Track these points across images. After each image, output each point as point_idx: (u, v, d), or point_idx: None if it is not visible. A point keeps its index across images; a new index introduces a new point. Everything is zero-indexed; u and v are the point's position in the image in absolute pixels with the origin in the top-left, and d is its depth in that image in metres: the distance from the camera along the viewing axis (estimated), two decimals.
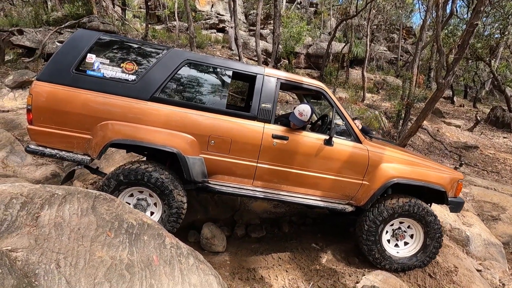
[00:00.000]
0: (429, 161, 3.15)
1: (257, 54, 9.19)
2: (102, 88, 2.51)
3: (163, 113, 2.55)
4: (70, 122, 2.48)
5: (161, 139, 2.52)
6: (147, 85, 2.57)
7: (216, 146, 2.61)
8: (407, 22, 22.60)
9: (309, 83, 2.87)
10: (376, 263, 2.85)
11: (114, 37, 2.69)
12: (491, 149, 9.90)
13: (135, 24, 14.93)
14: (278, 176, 2.74)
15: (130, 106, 2.51)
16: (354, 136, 2.82)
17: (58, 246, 1.49)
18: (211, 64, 2.71)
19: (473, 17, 5.30)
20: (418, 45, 8.41)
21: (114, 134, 2.48)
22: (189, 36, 9.89)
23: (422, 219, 2.84)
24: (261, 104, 2.69)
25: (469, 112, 14.05)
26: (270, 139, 2.66)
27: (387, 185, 2.77)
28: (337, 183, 2.79)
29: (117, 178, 2.52)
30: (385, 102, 11.68)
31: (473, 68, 14.03)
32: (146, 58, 2.66)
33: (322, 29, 20.03)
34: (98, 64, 2.54)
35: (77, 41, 2.57)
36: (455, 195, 3.01)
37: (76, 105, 2.46)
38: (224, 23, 17.84)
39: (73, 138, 2.52)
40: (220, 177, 2.72)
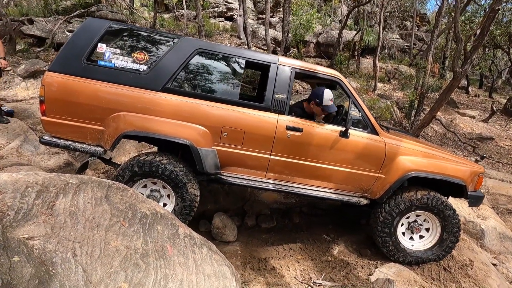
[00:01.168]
0: (448, 153, 3.05)
1: (267, 43, 9.03)
2: (113, 79, 2.48)
3: (176, 104, 2.52)
4: (82, 113, 2.47)
5: (174, 131, 2.50)
6: (159, 75, 2.52)
7: (229, 138, 2.58)
8: (421, 9, 21.80)
9: (325, 72, 2.78)
10: (389, 255, 2.81)
11: (125, 26, 2.65)
12: (507, 140, 9.62)
13: (143, 12, 14.81)
14: (292, 168, 2.69)
15: (142, 97, 2.49)
16: (370, 127, 2.73)
17: (73, 235, 1.49)
18: (224, 53, 2.65)
19: (495, 2, 5.04)
20: (434, 32, 8.10)
21: (127, 125, 2.47)
22: (197, 25, 9.76)
23: (440, 213, 2.77)
24: (275, 94, 2.62)
25: (484, 103, 13.62)
26: (284, 131, 2.60)
27: (405, 179, 2.69)
28: (352, 176, 2.73)
29: (131, 169, 2.51)
30: (397, 92, 11.39)
31: (490, 56, 13.52)
32: (157, 47, 2.61)
33: (332, 17, 19.51)
34: (109, 54, 2.51)
35: (87, 30, 2.53)
36: (475, 189, 2.92)
37: (88, 96, 2.45)
38: (232, 11, 17.53)
39: (86, 129, 2.51)
40: (233, 169, 2.69)
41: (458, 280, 2.70)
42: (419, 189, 2.80)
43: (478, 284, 2.67)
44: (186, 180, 2.57)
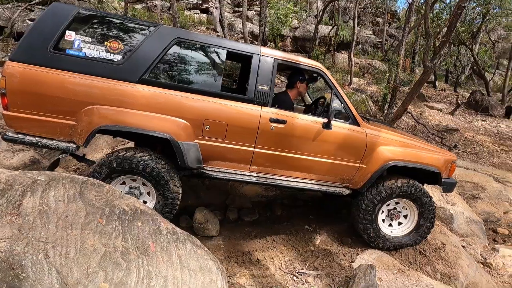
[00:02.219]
0: (424, 143, 3.18)
1: (244, 36, 8.93)
2: (84, 69, 2.29)
3: (154, 96, 2.37)
4: (51, 106, 2.27)
5: (153, 124, 2.36)
6: (135, 66, 2.37)
7: (211, 131, 2.49)
8: (392, 6, 22.59)
9: (308, 63, 2.78)
10: (370, 242, 2.90)
11: (95, 12, 2.45)
12: (471, 131, 10.28)
13: (112, 2, 14.06)
14: (275, 160, 2.67)
15: (118, 89, 2.32)
16: (352, 118, 2.76)
17: (45, 235, 1.38)
18: (204, 43, 2.53)
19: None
20: (405, 28, 8.42)
21: (101, 119, 2.30)
22: (171, 16, 9.43)
23: (418, 200, 2.89)
24: (258, 86, 2.55)
25: (450, 96, 14.45)
26: (268, 123, 2.56)
27: (384, 168, 2.77)
28: (335, 167, 2.76)
29: (109, 166, 2.35)
30: (371, 86, 11.77)
31: (455, 52, 14.31)
32: (132, 36, 2.43)
33: (308, 12, 19.69)
34: (78, 42, 2.30)
35: (53, 16, 2.30)
36: (448, 176, 3.06)
37: (57, 88, 2.24)
38: (208, 3, 17.13)
39: (55, 124, 2.31)
40: (216, 162, 2.61)
41: (433, 263, 2.85)
42: (399, 177, 2.90)
43: (450, 265, 2.83)
44: (168, 178, 2.45)
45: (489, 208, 5.15)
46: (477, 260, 3.38)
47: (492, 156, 8.57)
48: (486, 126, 10.81)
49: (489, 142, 9.58)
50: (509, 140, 9.71)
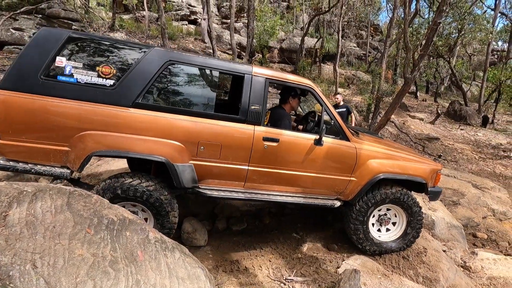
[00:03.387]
0: (411, 153, 3.29)
1: (232, 48, 9.08)
2: (77, 95, 2.25)
3: (148, 119, 2.36)
4: (43, 134, 2.24)
5: (148, 148, 2.36)
6: (128, 90, 2.34)
7: (206, 152, 2.49)
8: (375, 20, 23.56)
9: (299, 81, 2.81)
10: (358, 243, 2.97)
11: (87, 36, 2.39)
12: (451, 140, 10.71)
13: (100, 12, 14.05)
14: (270, 177, 2.71)
15: (111, 114, 2.30)
16: (342, 134, 2.83)
17: (32, 246, 1.38)
18: (196, 64, 2.53)
19: (437, 15, 5.64)
20: (386, 41, 8.80)
21: (96, 145, 2.28)
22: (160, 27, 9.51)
23: (409, 208, 3.00)
24: (250, 106, 2.58)
25: (430, 106, 15.05)
26: (261, 142, 2.59)
27: (374, 181, 2.85)
28: (327, 181, 2.83)
29: (114, 191, 2.33)
30: (356, 97, 12.14)
31: (434, 64, 15.00)
32: (124, 60, 2.41)
33: (295, 24, 20.25)
34: (70, 68, 2.26)
35: (43, 41, 2.24)
36: (433, 185, 3.18)
37: (49, 115, 2.21)
38: (196, 14, 17.38)
39: (48, 151, 2.27)
40: (211, 181, 2.62)
41: (415, 267, 2.95)
42: (393, 184, 3.01)
43: (431, 269, 2.94)
44: (170, 209, 2.46)
45: (469, 213, 5.35)
46: (457, 263, 3.50)
47: (471, 163, 8.93)
48: (464, 134, 11.30)
49: (468, 150, 9.99)
50: (486, 148, 10.17)
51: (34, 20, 9.20)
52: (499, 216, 5.59)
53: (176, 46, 12.48)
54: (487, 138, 11.08)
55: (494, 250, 4.46)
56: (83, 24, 10.32)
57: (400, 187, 3.01)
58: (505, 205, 5.92)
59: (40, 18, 9.32)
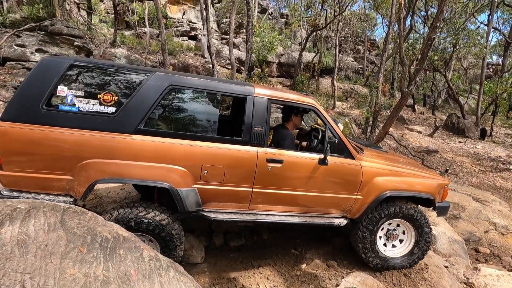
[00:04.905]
0: (417, 167, 3.26)
1: (231, 63, 9.23)
2: (79, 124, 2.25)
3: (150, 146, 2.35)
4: (46, 164, 2.23)
5: (151, 174, 2.35)
6: (130, 116, 2.32)
7: (210, 175, 2.47)
8: (371, 35, 24.08)
9: (301, 101, 2.78)
10: (362, 252, 2.94)
11: (87, 63, 2.38)
12: (450, 152, 10.71)
13: (102, 29, 14.36)
14: (275, 198, 2.68)
15: (113, 142, 2.28)
16: (347, 152, 2.80)
17: (22, 266, 1.35)
18: (198, 87, 2.49)
19: (431, 31, 5.77)
20: (383, 56, 8.96)
21: (98, 173, 2.27)
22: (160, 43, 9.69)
23: (420, 227, 2.98)
24: (253, 128, 2.55)
25: (428, 119, 15.14)
26: (265, 164, 2.56)
27: (381, 198, 2.82)
28: (332, 200, 2.81)
29: (127, 223, 2.33)
30: (354, 110, 12.23)
31: (430, 78, 15.20)
32: (125, 86, 2.38)
33: (293, 39, 20.67)
34: (71, 97, 2.25)
35: (44, 71, 2.24)
36: (441, 200, 3.14)
37: (51, 145, 2.21)
38: (196, 30, 17.77)
39: (51, 180, 2.27)
40: (215, 204, 2.59)
41: (416, 284, 2.88)
42: (409, 200, 2.99)
43: (433, 286, 2.87)
44: (178, 243, 2.48)
45: (470, 227, 5.28)
46: (460, 280, 3.43)
47: (471, 176, 8.89)
48: (463, 147, 11.31)
49: (467, 162, 9.98)
50: (486, 161, 10.16)
51: (37, 37, 9.39)
52: (501, 230, 5.52)
53: (176, 61, 12.69)
54: (486, 150, 11.09)
55: (497, 265, 4.37)
56: (85, 40, 10.52)
57: (416, 205, 2.98)
58: (506, 219, 5.85)
59: (43, 35, 9.51)
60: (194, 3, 18.51)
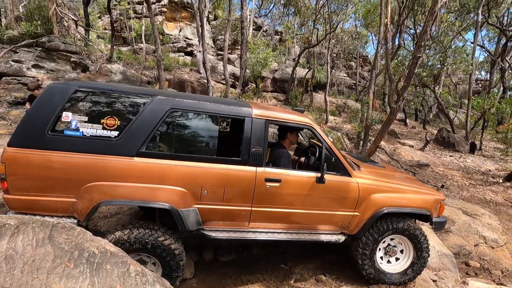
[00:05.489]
0: (414, 182, 3.33)
1: (225, 79, 9.43)
2: (83, 148, 2.32)
3: (152, 168, 2.42)
4: (51, 187, 2.31)
5: (152, 196, 2.42)
6: (132, 140, 2.40)
7: (210, 196, 2.54)
8: (363, 52, 24.79)
9: (298, 121, 2.85)
10: (361, 259, 3.00)
11: (90, 88, 2.44)
12: (441, 166, 10.87)
13: (99, 45, 14.62)
14: (273, 216, 2.74)
15: (116, 165, 2.36)
16: (343, 170, 2.86)
17: (9, 281, 1.38)
18: (198, 110, 2.56)
19: (416, 50, 6.03)
20: (373, 73, 9.24)
21: (102, 195, 2.34)
22: (156, 59, 9.89)
23: (419, 250, 3.09)
24: (251, 148, 2.61)
25: (420, 133, 15.41)
26: (263, 183, 2.63)
27: (378, 215, 2.88)
28: (330, 217, 2.86)
29: (132, 245, 2.40)
30: (347, 124, 12.44)
31: (421, 94, 15.59)
32: (127, 110, 2.46)
33: (287, 56, 21.17)
34: (75, 122, 2.33)
35: (49, 98, 2.33)
36: (438, 215, 3.21)
37: (57, 169, 2.29)
38: (192, 46, 18.16)
39: (56, 203, 2.34)
40: (215, 222, 2.65)
41: None
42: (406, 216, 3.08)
43: None
44: (182, 266, 2.56)
45: (460, 241, 5.33)
46: None
47: (461, 190, 9.01)
48: (454, 161, 11.50)
49: (458, 176, 10.12)
50: (476, 174, 10.32)
51: (33, 53, 9.53)
52: (491, 243, 5.57)
53: (172, 77, 12.89)
54: (476, 164, 11.28)
55: (487, 279, 4.40)
56: (81, 56, 10.70)
57: (420, 226, 3.08)
58: (496, 232, 5.91)
59: (40, 51, 9.66)
60: (190, 20, 19.00)
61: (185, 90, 12.59)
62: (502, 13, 15.53)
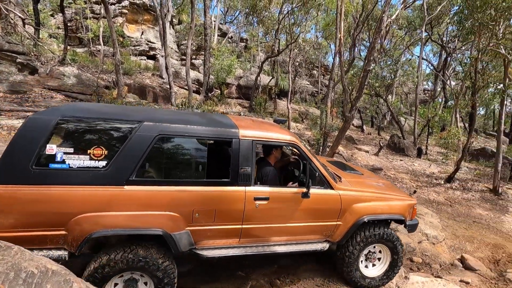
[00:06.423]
0: (390, 188, 3.60)
1: (188, 86, 9.36)
2: (70, 181, 2.25)
3: (142, 195, 2.40)
4: (39, 222, 2.20)
5: (145, 223, 2.39)
6: (121, 169, 2.35)
7: (201, 218, 2.58)
8: (324, 61, 26.08)
9: (283, 139, 2.96)
10: (345, 260, 3.23)
11: (74, 117, 2.33)
12: (392, 170, 11.76)
13: (51, 45, 13.65)
14: (263, 231, 2.85)
15: (105, 195, 2.31)
16: (327, 184, 3.03)
17: None
18: (185, 135, 2.56)
19: (366, 64, 6.54)
20: (330, 82, 9.79)
21: (93, 226, 2.27)
22: (115, 63, 9.51)
23: (395, 262, 3.42)
24: (240, 169, 2.68)
25: (375, 139, 16.53)
26: (252, 202, 2.71)
27: (359, 223, 3.10)
28: (315, 228, 3.04)
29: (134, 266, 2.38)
30: (308, 131, 12.95)
31: (375, 102, 16.78)
32: (115, 138, 2.40)
33: (252, 63, 21.53)
34: (61, 154, 2.23)
35: (30, 132, 2.20)
36: (411, 218, 3.50)
37: (44, 204, 2.19)
38: (155, 50, 17.70)
39: (45, 237, 2.23)
40: (206, 241, 2.69)
41: None
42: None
43: None
44: (174, 281, 2.55)
45: (406, 239, 5.82)
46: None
47: (409, 192, 9.83)
48: (403, 165, 12.51)
49: (407, 179, 11.03)
50: (422, 177, 11.33)
51: None
52: (432, 240, 6.16)
53: (132, 81, 12.45)
54: (422, 167, 12.38)
55: (427, 273, 4.87)
56: (29, 57, 9.92)
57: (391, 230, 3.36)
58: (436, 229, 6.55)
59: None
60: (153, 24, 18.53)
61: (146, 96, 12.22)
62: (443, 31, 17.38)
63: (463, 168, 11.84)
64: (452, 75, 18.46)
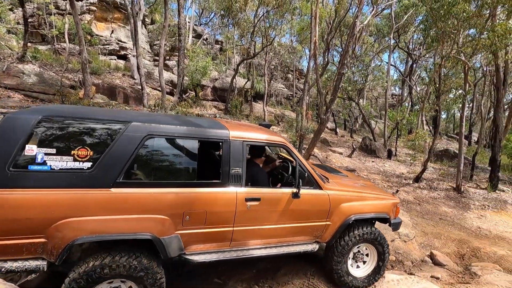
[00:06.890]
0: (373, 189, 3.63)
1: (161, 87, 9.05)
2: (52, 183, 2.07)
3: (131, 197, 2.26)
4: (15, 229, 2.00)
5: (133, 227, 2.25)
6: (107, 170, 2.21)
7: (192, 221, 2.47)
8: (299, 65, 26.58)
9: (273, 141, 2.96)
10: (333, 263, 3.22)
11: (59, 116, 2.18)
12: (365, 171, 12.14)
13: (9, 41, 12.63)
14: (254, 234, 2.78)
15: (90, 198, 2.15)
16: (315, 184, 3.04)
17: None
18: (175, 135, 2.48)
19: (340, 67, 6.69)
20: (305, 86, 9.93)
21: (76, 232, 2.09)
22: (81, 61, 8.96)
23: (381, 262, 3.44)
24: (231, 170, 2.63)
25: (348, 142, 17.04)
26: (244, 203, 2.65)
27: (347, 223, 3.12)
28: (306, 228, 3.02)
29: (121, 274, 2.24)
30: (284, 133, 13.05)
31: (348, 105, 17.33)
32: (101, 138, 2.26)
33: (227, 65, 21.41)
34: (41, 156, 2.06)
35: (9, 131, 2.03)
36: (395, 217, 3.58)
37: (21, 209, 2.00)
38: (126, 50, 17.01)
39: (21, 246, 2.03)
40: (196, 246, 2.57)
41: None
42: None
43: None
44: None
45: None
46: None
47: (392, 191, 10.20)
48: (375, 166, 12.98)
49: (378, 179, 11.44)
50: (392, 177, 11.81)
51: None
52: (404, 238, 6.38)
53: (101, 81, 11.83)
54: (392, 168, 12.92)
55: (400, 270, 5.01)
56: None
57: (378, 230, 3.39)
58: (407, 228, 6.81)
59: None
60: (124, 22, 17.82)
61: (116, 96, 11.66)
62: (409, 39, 18.40)
63: (429, 169, 12.51)
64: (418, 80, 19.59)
